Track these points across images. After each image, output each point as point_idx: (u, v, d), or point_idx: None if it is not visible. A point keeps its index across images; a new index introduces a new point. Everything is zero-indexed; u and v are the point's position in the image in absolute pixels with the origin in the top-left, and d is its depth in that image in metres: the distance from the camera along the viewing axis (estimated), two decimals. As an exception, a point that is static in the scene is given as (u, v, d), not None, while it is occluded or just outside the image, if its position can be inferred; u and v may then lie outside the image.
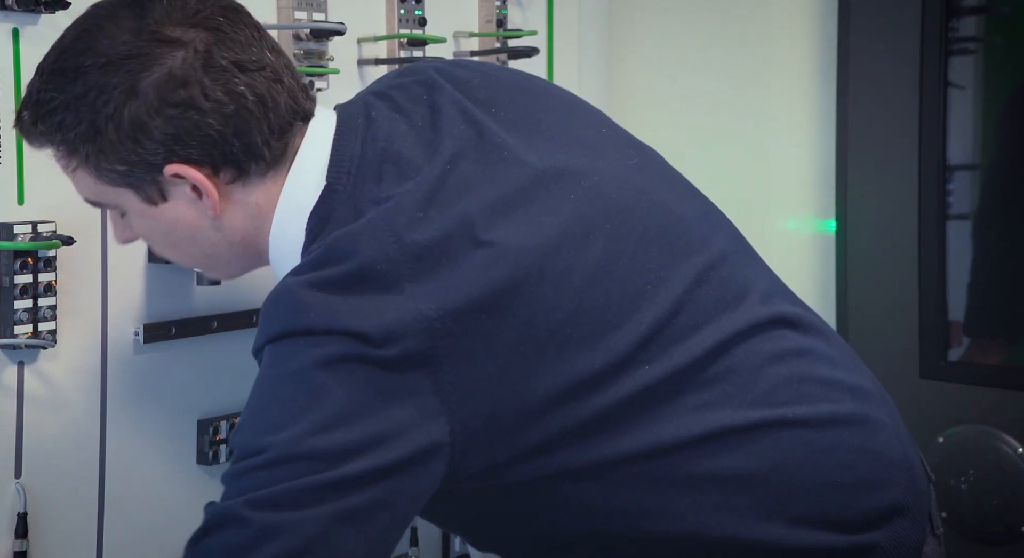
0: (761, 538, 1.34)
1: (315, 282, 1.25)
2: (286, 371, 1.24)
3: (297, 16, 1.82)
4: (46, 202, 1.56)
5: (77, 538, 1.63)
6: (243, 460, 1.27)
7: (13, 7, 1.49)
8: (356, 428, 1.21)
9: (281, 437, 1.22)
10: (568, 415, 1.29)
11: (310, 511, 1.20)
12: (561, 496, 1.33)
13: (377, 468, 1.21)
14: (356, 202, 1.30)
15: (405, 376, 1.23)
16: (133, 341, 1.67)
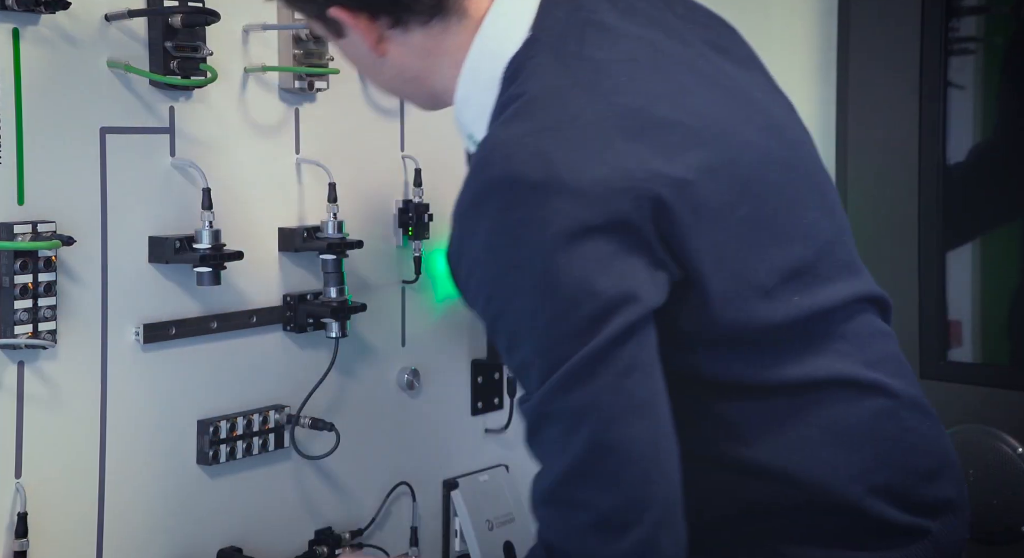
0: (842, 494, 1.39)
1: (530, 132, 1.28)
2: (511, 255, 1.28)
3: (297, 16, 1.82)
4: (46, 202, 1.56)
5: (77, 538, 1.63)
6: (512, 355, 1.32)
7: (13, 7, 1.49)
8: (597, 295, 1.25)
9: (535, 327, 1.28)
10: (738, 312, 1.34)
11: (596, 382, 1.26)
12: (683, 401, 1.35)
13: (628, 324, 1.26)
14: (561, 58, 1.34)
15: (623, 235, 1.26)
16: (133, 341, 1.67)
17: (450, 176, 2.14)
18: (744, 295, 1.34)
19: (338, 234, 1.85)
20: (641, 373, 1.29)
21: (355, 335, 1.94)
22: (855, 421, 1.41)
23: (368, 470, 2.02)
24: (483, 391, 2.22)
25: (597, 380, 1.27)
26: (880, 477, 1.41)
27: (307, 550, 1.92)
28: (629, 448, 1.28)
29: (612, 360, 1.27)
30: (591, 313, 1.26)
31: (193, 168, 1.70)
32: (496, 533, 2.18)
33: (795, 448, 1.39)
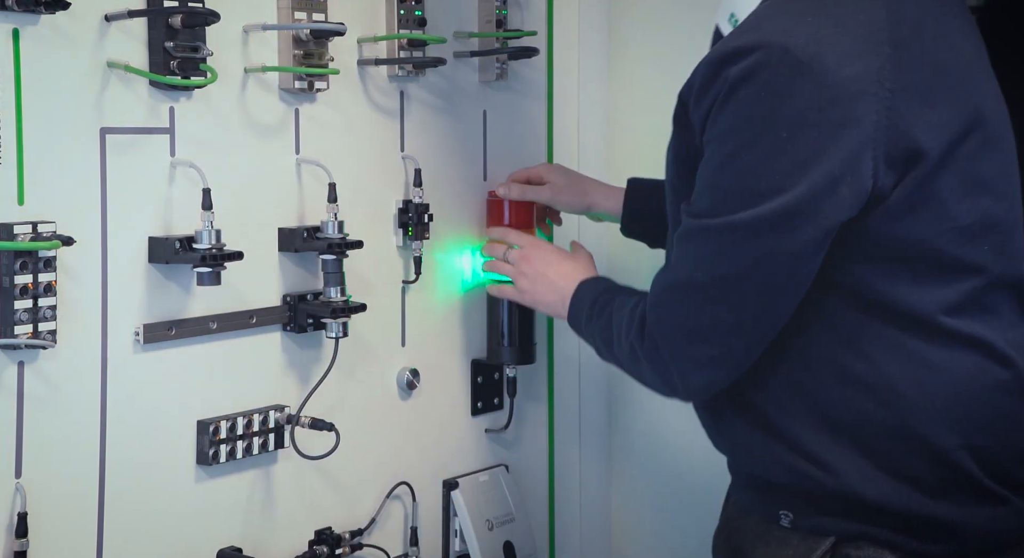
0: (937, 439, 1.52)
1: (811, 16, 1.48)
2: (753, 110, 1.48)
3: (297, 16, 1.82)
4: (46, 202, 1.56)
5: (77, 538, 1.63)
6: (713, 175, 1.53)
7: (13, 7, 1.49)
8: (803, 180, 1.46)
9: (740, 170, 1.50)
10: (931, 238, 1.52)
11: (761, 240, 1.49)
12: (829, 307, 1.54)
13: (817, 211, 1.47)
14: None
15: (853, 133, 1.45)
16: (133, 341, 1.67)
17: (450, 176, 2.14)
18: (941, 224, 1.51)
19: (338, 234, 1.85)
20: (800, 254, 1.49)
21: (355, 335, 1.94)
22: (978, 384, 1.54)
23: (368, 470, 2.02)
24: (483, 391, 2.22)
25: (762, 238, 1.48)
26: (980, 440, 1.53)
27: (307, 550, 1.92)
28: (752, 296, 1.52)
29: (788, 228, 1.47)
30: (790, 191, 1.46)
31: (193, 168, 1.70)
32: (496, 533, 2.18)
33: (914, 382, 1.52)
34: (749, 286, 1.51)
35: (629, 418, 2.49)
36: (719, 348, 1.55)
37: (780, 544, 1.60)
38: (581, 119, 2.41)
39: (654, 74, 2.41)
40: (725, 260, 1.51)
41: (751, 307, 1.53)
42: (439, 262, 2.12)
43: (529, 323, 2.17)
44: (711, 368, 1.57)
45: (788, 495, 1.60)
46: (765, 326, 1.54)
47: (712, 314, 1.54)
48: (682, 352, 1.57)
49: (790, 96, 1.45)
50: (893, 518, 1.53)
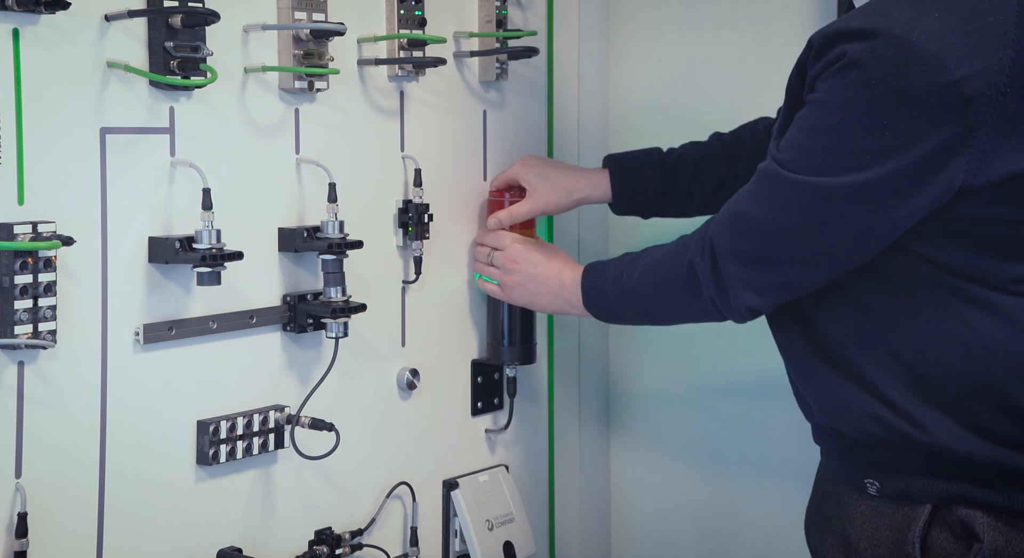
0: (1020, 393, 1.55)
1: (938, 11, 1.50)
2: (865, 84, 1.52)
3: (297, 16, 1.82)
4: (46, 202, 1.56)
5: (77, 538, 1.63)
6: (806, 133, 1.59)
7: (13, 7, 1.49)
8: (900, 158, 1.52)
9: (843, 132, 1.55)
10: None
11: (848, 203, 1.56)
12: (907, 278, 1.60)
13: (905, 188, 1.54)
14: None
15: (956, 126, 1.49)
16: (133, 341, 1.67)
17: (450, 176, 2.14)
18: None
19: (338, 234, 1.85)
20: (869, 229, 1.56)
21: (355, 335, 1.94)
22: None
23: (368, 470, 2.02)
24: (483, 391, 2.22)
25: (836, 206, 1.55)
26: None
27: (307, 550, 1.92)
28: (815, 246, 1.60)
29: (862, 204, 1.54)
30: (890, 164, 1.51)
31: (193, 168, 1.70)
32: (496, 533, 2.18)
33: (1002, 340, 1.55)
34: (815, 238, 1.60)
35: (629, 418, 2.49)
36: (772, 278, 1.65)
37: (874, 514, 1.64)
38: (581, 119, 2.41)
39: (654, 74, 2.41)
40: (796, 212, 1.59)
41: (812, 254, 1.62)
42: (439, 262, 2.12)
43: (529, 323, 2.17)
44: (760, 294, 1.67)
45: (874, 458, 1.63)
46: (823, 270, 1.63)
47: (773, 249, 1.63)
48: (737, 273, 1.66)
49: (900, 88, 1.49)
50: (980, 471, 1.56)
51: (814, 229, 1.59)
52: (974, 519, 1.57)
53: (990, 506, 1.57)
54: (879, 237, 1.59)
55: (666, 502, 2.47)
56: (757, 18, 2.31)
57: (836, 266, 1.63)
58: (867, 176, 1.53)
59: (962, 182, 1.51)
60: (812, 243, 1.61)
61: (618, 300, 1.87)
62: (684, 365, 2.42)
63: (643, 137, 2.42)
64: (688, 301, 1.76)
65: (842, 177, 1.54)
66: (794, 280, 1.65)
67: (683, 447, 2.43)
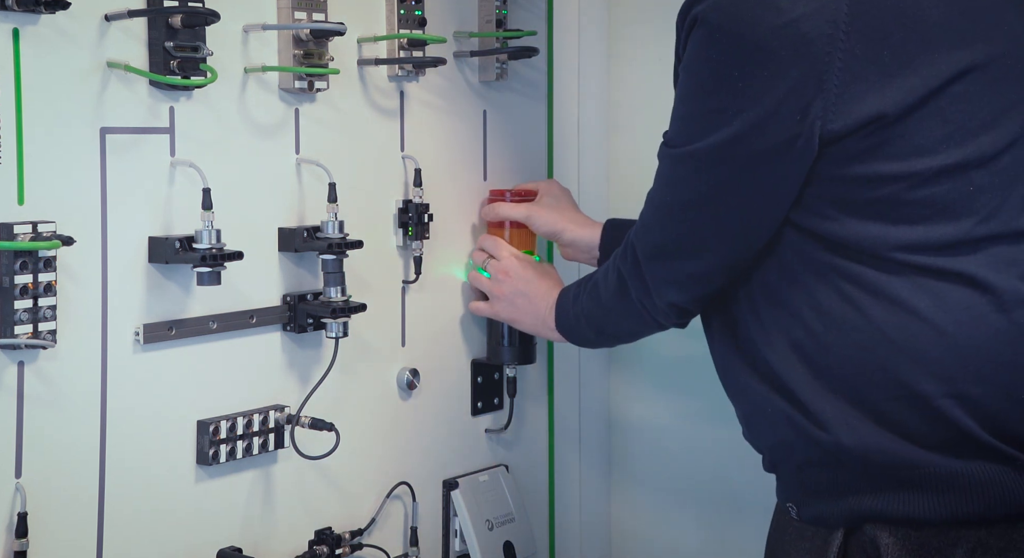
0: (916, 385, 1.50)
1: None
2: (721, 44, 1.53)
3: (297, 16, 1.82)
4: (46, 202, 1.56)
5: (77, 538, 1.63)
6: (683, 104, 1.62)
7: (13, 7, 1.49)
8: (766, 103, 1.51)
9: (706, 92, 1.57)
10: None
11: (729, 164, 1.56)
12: (805, 255, 1.57)
13: (779, 140, 1.52)
14: None
15: (803, 67, 1.48)
16: (133, 341, 1.67)
17: (450, 176, 2.14)
18: (912, 165, 1.50)
19: (338, 234, 1.85)
20: (752, 187, 1.55)
21: (355, 335, 1.94)
22: (969, 331, 1.50)
23: (368, 470, 2.02)
24: (483, 391, 2.22)
25: (715, 169, 1.56)
26: (972, 390, 1.50)
27: (307, 550, 1.92)
28: (710, 221, 1.60)
29: (736, 160, 1.54)
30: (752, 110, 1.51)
31: (193, 168, 1.70)
32: (496, 533, 2.18)
33: (896, 325, 1.51)
34: (705, 214, 1.60)
35: (629, 418, 2.49)
36: (684, 269, 1.65)
37: (798, 537, 1.62)
38: (581, 119, 2.41)
39: (654, 74, 2.41)
40: (685, 186, 1.61)
41: (710, 231, 1.61)
42: (439, 262, 2.12)
43: (529, 323, 2.17)
44: (679, 288, 1.67)
45: (790, 479, 1.63)
46: (724, 252, 1.62)
47: (677, 234, 1.64)
48: (654, 270, 1.68)
49: (742, 36, 1.50)
50: (881, 475, 1.51)
51: (703, 203, 1.60)
52: (880, 539, 1.52)
53: (897, 520, 1.51)
54: (764, 207, 1.56)
55: (666, 502, 2.46)
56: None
57: (736, 247, 1.60)
58: (731, 131, 1.53)
59: (821, 129, 1.48)
60: (705, 221, 1.61)
61: (577, 319, 1.89)
62: (684, 365, 2.42)
63: (643, 137, 2.42)
64: (624, 311, 1.77)
65: (710, 138, 1.54)
66: (703, 268, 1.64)
67: (684, 447, 2.43)
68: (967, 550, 1.49)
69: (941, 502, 1.50)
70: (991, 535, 1.49)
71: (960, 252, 1.52)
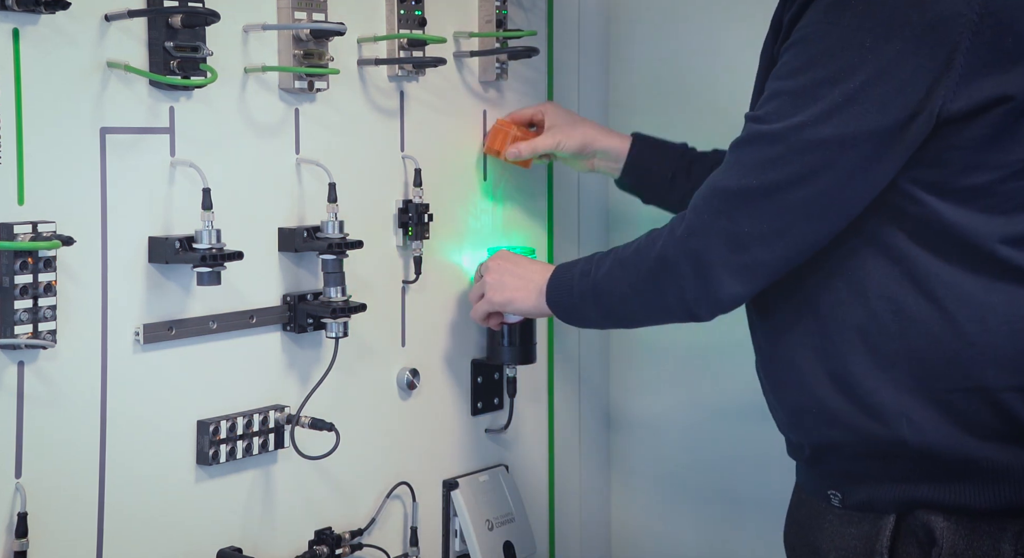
0: (989, 376, 1.52)
1: None
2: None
3: (297, 16, 1.82)
4: (46, 202, 1.56)
5: (77, 538, 1.63)
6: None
7: (13, 7, 1.49)
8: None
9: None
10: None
11: (840, 154, 1.52)
12: (894, 240, 1.56)
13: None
14: None
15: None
16: (133, 341, 1.67)
17: (450, 176, 2.14)
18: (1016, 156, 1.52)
19: (338, 234, 1.85)
20: (857, 170, 1.51)
21: (355, 335, 1.94)
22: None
23: (368, 470, 2.02)
24: (483, 391, 2.22)
25: (821, 148, 1.50)
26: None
27: (307, 550, 1.92)
28: (799, 208, 1.54)
29: (849, 139, 1.49)
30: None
31: (193, 168, 1.70)
32: (496, 533, 2.18)
33: (972, 317, 1.52)
34: (798, 195, 1.53)
35: (629, 418, 2.49)
36: (756, 257, 1.57)
37: (841, 523, 1.63)
38: (581, 119, 2.40)
39: (654, 74, 2.41)
40: (782, 167, 1.53)
41: (799, 216, 1.55)
42: (439, 262, 2.12)
43: (529, 323, 2.17)
44: (743, 277, 1.59)
45: (834, 468, 1.62)
46: (805, 242, 1.57)
47: (756, 221, 1.56)
48: (721, 258, 1.58)
49: (879, 3, 1.47)
50: (938, 467, 1.54)
51: (795, 185, 1.53)
52: (934, 524, 1.55)
53: (950, 507, 1.55)
54: (860, 191, 1.54)
55: (666, 502, 2.47)
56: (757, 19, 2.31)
57: (819, 234, 1.57)
58: (851, 104, 1.49)
59: (941, 108, 1.48)
60: (794, 205, 1.54)
61: (582, 297, 1.78)
62: (684, 364, 2.42)
63: (643, 137, 2.42)
64: (657, 297, 1.68)
65: (823, 110, 1.50)
66: (780, 256, 1.58)
67: (684, 447, 2.43)
68: (1015, 533, 1.54)
69: (996, 492, 1.54)
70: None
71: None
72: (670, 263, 1.63)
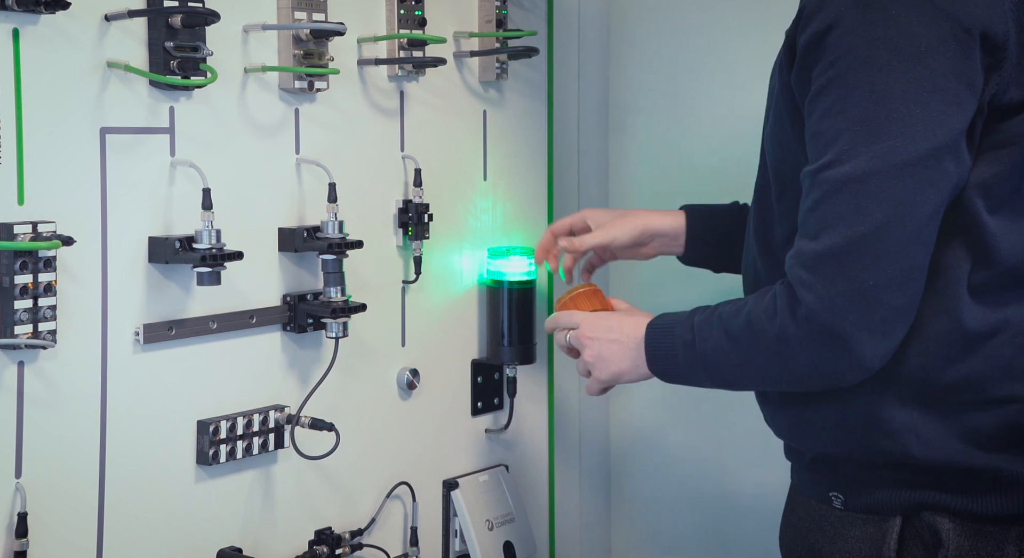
0: (1002, 388, 1.51)
1: None
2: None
3: (297, 16, 1.82)
4: (46, 202, 1.56)
5: (77, 538, 1.63)
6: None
7: (13, 7, 1.49)
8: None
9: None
10: None
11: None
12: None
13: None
14: None
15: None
16: (133, 341, 1.67)
17: (450, 176, 2.14)
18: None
19: (338, 234, 1.85)
20: (943, 191, 1.46)
21: (355, 335, 1.94)
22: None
23: (368, 470, 2.02)
24: (483, 391, 2.22)
25: (911, 176, 1.43)
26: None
27: (307, 550, 1.92)
28: (908, 244, 1.45)
29: (935, 162, 1.43)
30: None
31: (193, 168, 1.70)
32: (496, 533, 2.18)
33: (984, 332, 1.51)
34: (907, 228, 1.44)
35: (629, 418, 2.49)
36: (891, 305, 1.45)
37: (843, 525, 1.61)
38: (581, 119, 2.41)
39: (654, 74, 2.41)
40: (876, 205, 1.43)
41: (912, 251, 1.45)
42: (439, 262, 2.12)
43: (529, 323, 2.17)
44: (887, 330, 1.47)
45: (837, 471, 1.61)
46: (923, 270, 1.48)
47: (879, 270, 1.44)
48: (857, 321, 1.45)
49: (912, 17, 1.42)
50: (946, 477, 1.54)
51: (904, 212, 1.43)
52: (940, 525, 1.54)
53: (956, 511, 1.54)
54: (952, 191, 1.47)
55: (666, 502, 2.47)
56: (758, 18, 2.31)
57: (931, 249, 1.48)
58: (908, 108, 1.42)
59: (993, 98, 1.45)
60: (913, 233, 1.44)
61: (691, 368, 1.62)
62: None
63: (643, 137, 2.42)
64: (783, 374, 1.54)
65: (889, 126, 1.42)
66: (914, 291, 1.47)
67: (683, 447, 2.43)
68: (1020, 534, 1.54)
69: (1005, 501, 1.54)
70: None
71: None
72: (794, 344, 1.50)
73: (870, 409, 1.55)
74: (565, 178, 2.39)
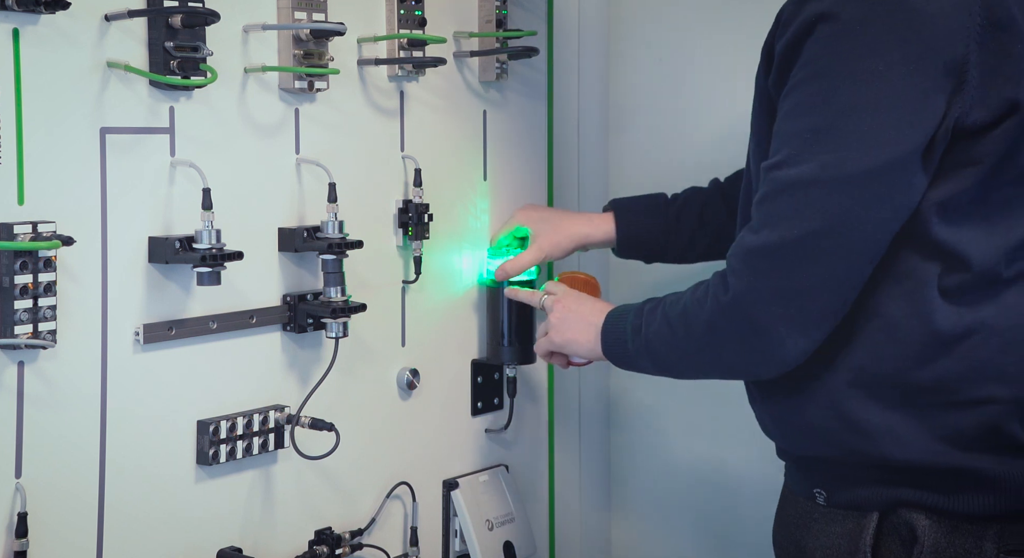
0: (984, 390, 1.52)
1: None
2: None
3: (297, 16, 1.82)
4: (46, 202, 1.56)
5: (77, 538, 1.63)
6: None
7: (13, 7, 1.49)
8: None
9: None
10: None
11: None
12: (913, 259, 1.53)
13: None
14: None
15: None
16: (133, 341, 1.67)
17: (450, 176, 2.14)
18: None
19: (338, 234, 1.85)
20: (897, 202, 1.48)
21: (355, 335, 1.94)
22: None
23: (368, 470, 2.02)
24: (483, 391, 2.22)
25: (873, 172, 1.45)
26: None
27: (307, 550, 1.92)
28: (846, 250, 1.48)
29: (881, 149, 1.45)
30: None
31: (193, 168, 1.70)
32: (496, 533, 2.18)
33: (967, 333, 1.52)
34: (842, 238, 1.48)
35: (629, 418, 2.49)
36: (819, 306, 1.50)
37: (826, 522, 1.63)
38: (581, 119, 2.41)
39: (654, 74, 2.41)
40: (814, 211, 1.47)
41: (846, 260, 1.49)
42: (439, 262, 2.12)
43: (529, 323, 2.17)
44: (810, 330, 1.51)
45: (822, 470, 1.63)
46: (860, 278, 1.51)
47: (808, 272, 1.49)
48: (781, 315, 1.51)
49: (886, 27, 1.44)
50: (924, 475, 1.55)
51: (841, 223, 1.47)
52: (916, 522, 1.56)
53: (932, 508, 1.56)
54: (902, 208, 1.49)
55: (666, 502, 2.47)
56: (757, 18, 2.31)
57: (870, 262, 1.52)
58: (864, 123, 1.45)
59: (956, 122, 1.47)
60: (846, 243, 1.48)
61: (637, 353, 1.71)
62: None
63: (643, 137, 2.42)
64: (710, 362, 1.63)
65: (841, 139, 1.45)
66: (842, 297, 1.52)
67: (683, 447, 2.43)
68: (997, 531, 1.54)
69: (984, 500, 1.55)
70: (1019, 521, 1.56)
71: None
72: (720, 331, 1.57)
73: (847, 411, 1.56)
74: (565, 178, 2.39)
